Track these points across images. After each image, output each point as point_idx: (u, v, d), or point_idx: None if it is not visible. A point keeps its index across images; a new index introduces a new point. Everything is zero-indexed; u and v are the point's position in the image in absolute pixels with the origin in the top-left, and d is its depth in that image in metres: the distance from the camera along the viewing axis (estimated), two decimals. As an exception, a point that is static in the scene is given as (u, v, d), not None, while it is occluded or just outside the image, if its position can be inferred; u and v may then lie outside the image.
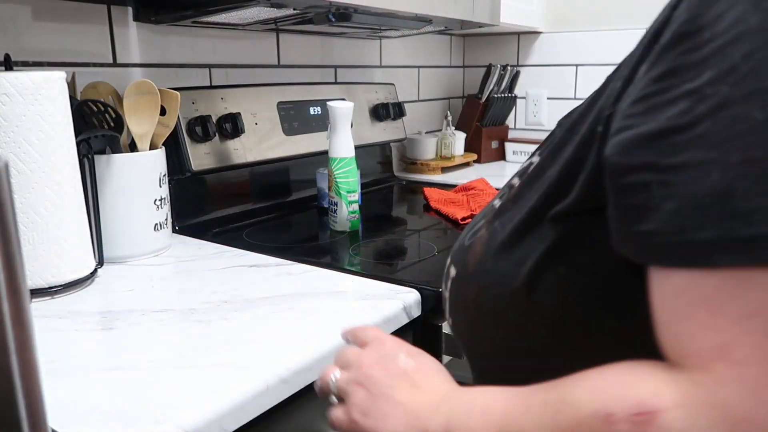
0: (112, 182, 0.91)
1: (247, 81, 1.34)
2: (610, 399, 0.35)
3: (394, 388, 0.49)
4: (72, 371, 0.60)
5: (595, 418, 0.35)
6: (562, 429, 0.37)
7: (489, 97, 1.93)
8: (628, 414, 0.33)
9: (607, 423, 0.34)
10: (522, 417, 0.40)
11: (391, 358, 0.52)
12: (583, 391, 0.37)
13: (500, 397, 0.43)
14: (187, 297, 0.79)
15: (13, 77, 0.73)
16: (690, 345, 0.33)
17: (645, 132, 0.35)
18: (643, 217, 0.34)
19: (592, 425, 0.35)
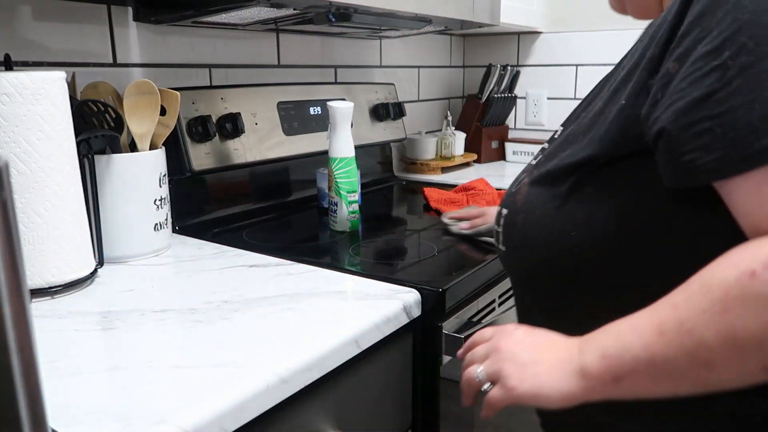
0: (112, 182, 0.91)
1: (247, 81, 1.34)
2: (747, 263, 0.44)
3: (536, 352, 0.56)
4: (72, 371, 0.60)
5: (742, 279, 0.43)
6: (717, 301, 0.44)
7: (489, 97, 1.93)
8: (765, 264, 0.42)
9: (753, 277, 0.43)
10: (673, 312, 0.47)
11: (520, 337, 0.58)
12: (723, 269, 0.45)
13: (639, 315, 0.50)
14: (187, 297, 0.79)
15: (13, 77, 0.73)
16: None
17: (695, 97, 0.46)
18: (712, 150, 0.46)
19: (742, 285, 0.43)
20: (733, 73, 0.45)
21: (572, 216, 0.57)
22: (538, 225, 0.60)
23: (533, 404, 0.55)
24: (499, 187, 1.50)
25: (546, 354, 0.55)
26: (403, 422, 0.85)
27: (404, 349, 0.83)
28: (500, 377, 0.57)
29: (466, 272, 0.90)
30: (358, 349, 0.70)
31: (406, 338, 0.82)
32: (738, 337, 0.43)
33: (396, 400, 0.83)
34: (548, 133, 2.03)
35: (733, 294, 0.43)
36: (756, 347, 0.43)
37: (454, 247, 1.07)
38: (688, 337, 0.45)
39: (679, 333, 0.46)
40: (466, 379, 0.61)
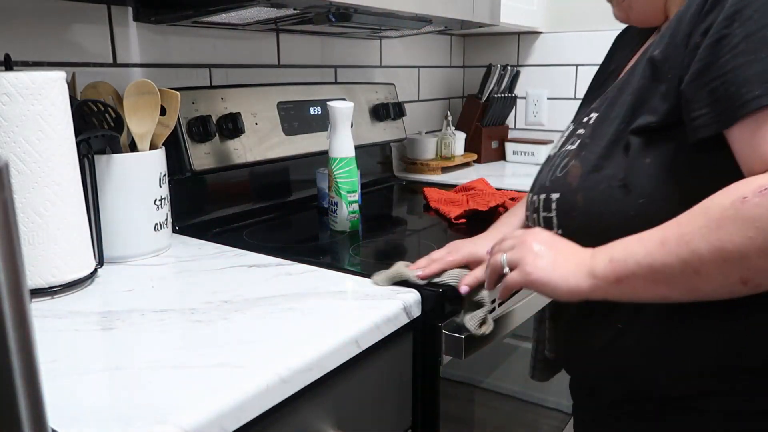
0: (112, 182, 0.91)
1: (247, 81, 1.34)
2: (740, 190, 0.51)
3: (555, 250, 0.64)
4: (72, 371, 0.60)
5: (735, 202, 0.51)
6: (713, 219, 0.52)
7: (489, 97, 1.93)
8: (755, 191, 0.50)
9: (743, 202, 0.50)
10: (676, 226, 0.55)
11: (546, 237, 0.66)
12: (721, 195, 0.53)
13: (649, 231, 0.57)
14: (187, 297, 0.79)
15: (13, 77, 0.73)
16: None
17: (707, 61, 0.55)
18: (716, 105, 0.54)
19: (735, 207, 0.51)
20: (738, 40, 0.53)
21: (636, 189, 0.61)
22: (600, 202, 0.64)
23: (543, 292, 0.63)
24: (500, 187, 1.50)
25: (563, 253, 0.63)
26: (403, 422, 0.85)
27: (404, 349, 0.82)
28: (520, 264, 0.65)
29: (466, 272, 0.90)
30: (358, 349, 0.70)
31: (406, 338, 0.82)
32: (725, 250, 0.51)
33: (396, 400, 0.83)
34: (548, 133, 2.04)
35: (727, 214, 0.51)
36: (738, 260, 0.51)
37: (454, 247, 1.07)
38: (684, 248, 0.53)
39: (677, 244, 0.54)
40: (491, 263, 0.70)
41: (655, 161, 0.61)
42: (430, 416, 0.87)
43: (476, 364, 0.97)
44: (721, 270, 0.52)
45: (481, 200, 1.31)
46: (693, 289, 0.55)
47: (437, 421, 0.87)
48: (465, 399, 0.97)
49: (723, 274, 0.52)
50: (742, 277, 0.52)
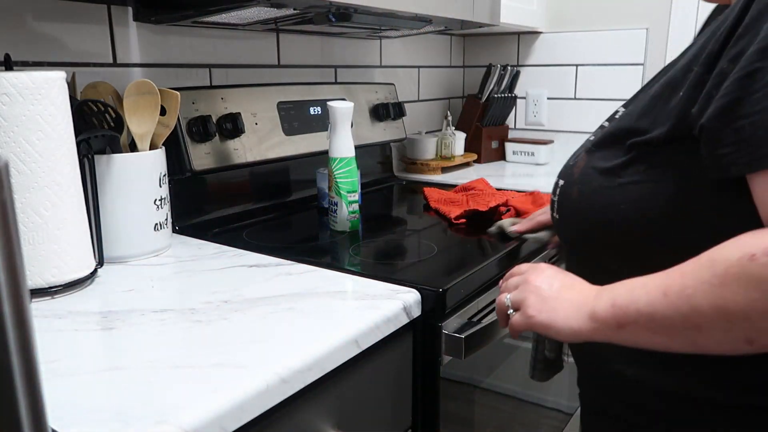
0: (112, 182, 0.91)
1: (247, 81, 1.34)
2: (751, 246, 0.49)
3: (559, 291, 0.64)
4: (72, 371, 0.60)
5: (742, 259, 0.49)
6: (717, 275, 0.50)
7: (489, 97, 1.93)
8: (765, 250, 0.48)
9: (752, 260, 0.48)
10: (679, 278, 0.53)
11: (548, 274, 0.67)
12: (729, 248, 0.51)
13: (654, 277, 0.56)
14: (187, 297, 0.79)
15: (13, 77, 0.73)
16: None
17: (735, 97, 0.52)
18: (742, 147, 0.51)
19: (741, 265, 0.49)
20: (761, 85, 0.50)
21: (624, 192, 0.62)
22: (592, 197, 0.65)
23: (546, 334, 0.64)
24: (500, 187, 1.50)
25: (566, 294, 0.63)
26: (403, 422, 0.85)
27: (404, 349, 0.83)
28: (523, 306, 0.66)
29: (466, 272, 0.90)
30: (358, 349, 0.70)
31: (406, 338, 0.82)
32: (728, 309, 0.49)
33: (396, 400, 0.83)
34: (548, 134, 2.04)
35: (732, 271, 0.49)
36: (742, 320, 0.49)
37: (454, 247, 1.07)
38: (686, 302, 0.52)
39: (679, 297, 0.52)
40: (498, 303, 0.71)
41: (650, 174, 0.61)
42: (430, 416, 0.87)
43: (476, 364, 0.97)
44: (724, 329, 0.50)
45: (481, 200, 1.31)
46: (694, 344, 0.53)
47: (437, 421, 0.87)
48: (465, 399, 0.97)
49: (725, 332, 0.51)
50: (746, 337, 0.50)
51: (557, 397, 1.37)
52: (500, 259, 1.00)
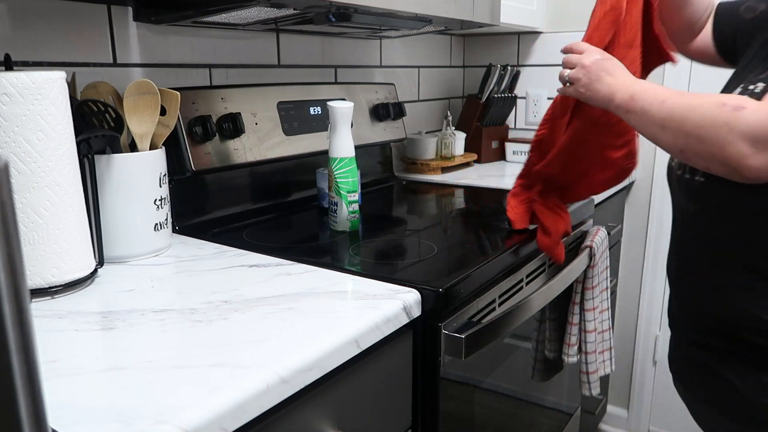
0: (112, 182, 0.91)
1: (247, 81, 1.34)
2: (728, 98, 0.73)
3: (602, 75, 0.89)
4: (72, 371, 0.60)
5: (716, 104, 0.73)
6: (698, 101, 0.76)
7: (489, 97, 1.93)
8: (733, 105, 0.72)
9: (721, 105, 0.72)
10: (677, 98, 0.78)
11: (599, 60, 0.90)
12: (718, 95, 0.75)
13: (668, 90, 0.81)
14: (187, 297, 0.79)
15: (14, 77, 0.73)
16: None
17: None
18: None
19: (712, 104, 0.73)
20: None
21: None
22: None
23: (584, 100, 0.93)
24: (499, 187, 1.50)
25: (607, 80, 0.89)
26: (403, 422, 0.85)
27: (404, 349, 0.83)
28: (575, 83, 0.93)
29: (466, 272, 0.90)
30: (358, 349, 0.70)
31: (406, 338, 0.82)
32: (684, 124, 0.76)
33: (396, 400, 0.83)
34: (548, 133, 2.03)
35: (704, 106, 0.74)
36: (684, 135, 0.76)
37: (454, 247, 1.07)
38: (667, 111, 0.79)
39: (668, 107, 0.78)
40: (560, 74, 0.96)
41: None
42: (430, 416, 0.87)
43: (476, 364, 0.97)
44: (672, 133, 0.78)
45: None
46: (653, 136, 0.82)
47: (437, 421, 0.87)
48: (465, 399, 0.97)
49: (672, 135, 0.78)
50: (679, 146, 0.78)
51: (557, 397, 1.37)
52: (500, 259, 1.00)
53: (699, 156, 0.76)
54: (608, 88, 0.88)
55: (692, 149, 0.76)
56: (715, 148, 0.72)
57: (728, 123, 0.71)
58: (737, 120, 0.70)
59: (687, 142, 0.76)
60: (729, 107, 0.71)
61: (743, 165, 0.70)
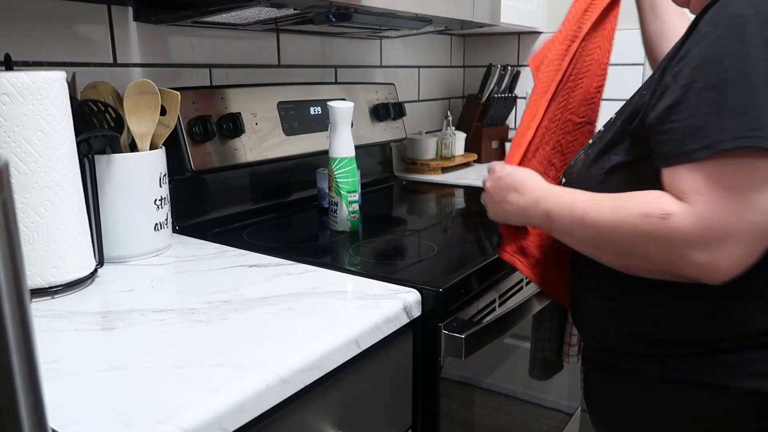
0: (112, 182, 0.91)
1: (248, 81, 1.34)
2: (649, 206, 0.64)
3: (506, 196, 0.84)
4: (72, 371, 0.60)
5: (639, 215, 0.65)
6: (620, 216, 0.67)
7: (489, 97, 1.93)
8: (658, 214, 0.63)
9: (646, 217, 0.64)
10: (597, 212, 0.70)
11: (500, 178, 0.86)
12: (635, 200, 0.66)
13: (582, 198, 0.73)
14: (187, 297, 0.79)
15: (14, 77, 0.73)
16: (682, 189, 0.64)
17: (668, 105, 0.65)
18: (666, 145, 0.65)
19: (638, 218, 0.65)
20: (691, 93, 0.62)
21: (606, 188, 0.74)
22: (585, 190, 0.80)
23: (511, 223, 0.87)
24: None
25: (514, 198, 0.83)
26: (403, 422, 0.85)
27: (404, 349, 0.83)
28: (487, 207, 0.89)
29: (466, 272, 0.90)
30: (358, 349, 0.70)
31: (407, 338, 0.82)
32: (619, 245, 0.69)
33: (396, 400, 0.83)
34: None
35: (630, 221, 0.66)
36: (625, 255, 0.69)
37: (454, 247, 1.07)
38: (593, 230, 0.70)
39: (590, 225, 0.71)
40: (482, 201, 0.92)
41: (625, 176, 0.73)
42: (430, 416, 0.87)
43: (476, 364, 0.97)
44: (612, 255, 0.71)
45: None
46: (590, 255, 0.74)
47: (437, 421, 0.87)
48: (465, 399, 0.97)
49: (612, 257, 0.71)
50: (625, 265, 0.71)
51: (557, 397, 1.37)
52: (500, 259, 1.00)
53: (651, 272, 0.68)
54: (517, 208, 0.82)
55: (640, 267, 0.68)
56: (664, 265, 0.65)
57: (666, 239, 0.63)
58: (672, 233, 0.62)
59: (630, 261, 0.69)
60: (655, 218, 0.63)
61: (707, 272, 0.62)
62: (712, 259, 0.60)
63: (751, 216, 0.59)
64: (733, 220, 0.59)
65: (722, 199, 0.60)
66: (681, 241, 0.62)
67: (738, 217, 0.59)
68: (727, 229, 0.59)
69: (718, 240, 0.60)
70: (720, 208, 0.60)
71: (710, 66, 0.61)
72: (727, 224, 0.59)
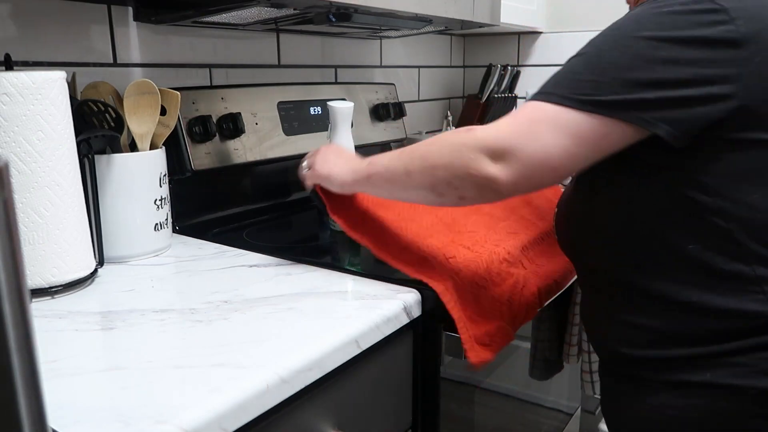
0: (112, 182, 0.91)
1: (248, 81, 1.34)
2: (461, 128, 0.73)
3: (337, 158, 0.91)
4: (72, 371, 0.60)
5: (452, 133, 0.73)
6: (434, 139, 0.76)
7: (489, 97, 1.93)
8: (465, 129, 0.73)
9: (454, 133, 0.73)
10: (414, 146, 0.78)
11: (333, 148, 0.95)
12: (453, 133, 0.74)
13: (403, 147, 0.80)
14: (187, 297, 0.79)
15: (14, 77, 0.73)
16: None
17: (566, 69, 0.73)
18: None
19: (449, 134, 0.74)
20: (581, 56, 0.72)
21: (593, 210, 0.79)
22: (573, 215, 0.84)
23: (326, 184, 0.92)
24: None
25: (342, 160, 0.90)
26: (403, 422, 0.85)
27: (404, 349, 0.83)
28: (312, 165, 0.94)
29: (466, 272, 0.90)
30: (358, 349, 0.70)
31: (407, 338, 0.82)
32: (428, 159, 0.74)
33: (396, 400, 0.83)
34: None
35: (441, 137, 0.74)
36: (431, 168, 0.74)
37: (454, 247, 1.07)
38: (409, 155, 0.77)
39: (408, 152, 0.78)
40: (299, 169, 0.97)
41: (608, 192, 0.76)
42: (430, 416, 0.87)
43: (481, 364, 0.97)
44: (421, 173, 0.75)
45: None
46: (404, 186, 0.78)
47: (437, 421, 0.87)
48: (465, 399, 0.97)
49: (421, 176, 0.75)
50: (431, 183, 0.74)
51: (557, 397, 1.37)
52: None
53: (451, 186, 0.73)
54: (345, 164, 0.88)
55: (443, 180, 0.73)
56: (461, 170, 0.71)
57: (464, 143, 0.71)
58: (471, 138, 0.70)
59: (435, 174, 0.73)
60: (462, 131, 0.72)
61: (490, 179, 0.69)
62: (496, 171, 0.69)
63: (534, 144, 0.68)
64: (518, 140, 0.68)
65: (518, 125, 0.69)
66: (474, 144, 0.70)
67: (523, 141, 0.68)
68: (512, 146, 0.68)
69: (502, 153, 0.68)
70: (513, 130, 0.69)
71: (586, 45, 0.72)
72: (512, 142, 0.68)
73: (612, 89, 0.66)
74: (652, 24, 0.66)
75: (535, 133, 0.68)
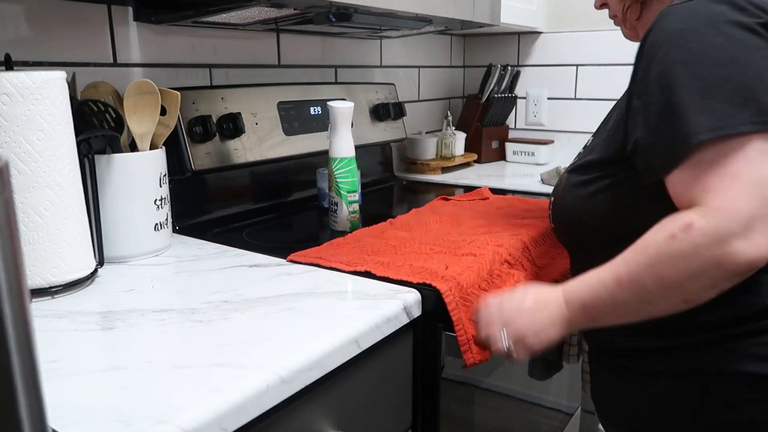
0: (112, 182, 0.91)
1: (248, 81, 1.34)
2: (669, 228, 0.64)
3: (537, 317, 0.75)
4: (72, 371, 0.60)
5: (666, 239, 0.64)
6: (651, 256, 0.65)
7: (489, 97, 1.93)
8: (680, 229, 0.63)
9: (672, 238, 0.63)
10: (625, 267, 0.67)
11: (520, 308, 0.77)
12: (656, 232, 0.66)
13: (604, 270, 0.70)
14: (187, 297, 0.79)
15: (14, 77, 0.73)
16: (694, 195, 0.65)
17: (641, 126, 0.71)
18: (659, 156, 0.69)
19: (667, 243, 0.64)
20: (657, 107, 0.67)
21: (590, 204, 0.79)
22: (571, 209, 0.83)
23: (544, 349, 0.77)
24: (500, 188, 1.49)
25: (543, 315, 0.75)
26: (403, 422, 0.85)
27: (404, 349, 0.83)
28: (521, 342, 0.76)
29: (466, 272, 0.90)
30: (358, 349, 0.70)
31: (407, 338, 0.82)
32: (665, 281, 0.64)
33: (396, 400, 0.83)
34: (548, 133, 2.04)
35: (661, 251, 0.64)
36: (677, 287, 0.64)
37: (454, 247, 1.07)
38: (635, 285, 0.67)
39: (630, 283, 0.67)
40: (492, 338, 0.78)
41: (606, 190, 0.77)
42: (430, 416, 0.87)
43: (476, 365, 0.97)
44: (665, 296, 0.66)
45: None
46: (648, 314, 0.68)
47: (437, 421, 0.87)
48: (465, 399, 0.97)
49: (667, 299, 0.66)
50: (683, 299, 0.65)
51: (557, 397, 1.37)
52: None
53: (707, 289, 0.64)
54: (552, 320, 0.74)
55: (697, 291, 0.64)
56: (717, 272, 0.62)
57: (702, 246, 0.61)
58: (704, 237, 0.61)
59: (685, 291, 0.64)
60: (680, 234, 0.62)
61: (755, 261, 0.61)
62: (754, 242, 0.60)
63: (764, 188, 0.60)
64: (749, 198, 0.60)
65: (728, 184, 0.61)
66: (716, 240, 0.60)
67: (752, 194, 0.60)
68: (749, 209, 0.60)
69: (746, 221, 0.60)
70: (731, 193, 0.61)
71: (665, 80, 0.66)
72: (746, 205, 0.60)
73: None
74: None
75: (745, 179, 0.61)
